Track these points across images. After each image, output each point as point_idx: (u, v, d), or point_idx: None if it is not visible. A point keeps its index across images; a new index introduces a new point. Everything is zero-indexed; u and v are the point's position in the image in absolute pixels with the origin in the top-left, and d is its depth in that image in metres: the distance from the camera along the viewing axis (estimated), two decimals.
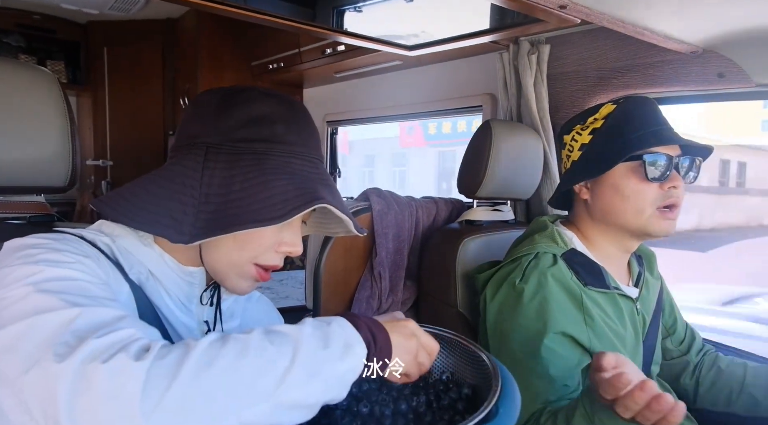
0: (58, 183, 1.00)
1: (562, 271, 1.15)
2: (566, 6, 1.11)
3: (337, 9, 1.67)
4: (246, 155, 0.75)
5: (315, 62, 2.64)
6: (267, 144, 0.76)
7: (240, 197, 0.73)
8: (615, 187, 1.16)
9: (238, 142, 0.75)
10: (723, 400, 1.30)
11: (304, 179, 0.76)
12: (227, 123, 0.76)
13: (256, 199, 0.72)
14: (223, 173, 0.74)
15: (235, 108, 0.77)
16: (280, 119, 0.78)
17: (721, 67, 1.45)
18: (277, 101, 0.79)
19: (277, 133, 0.77)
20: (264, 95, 0.79)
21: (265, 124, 0.77)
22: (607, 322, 1.14)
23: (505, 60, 1.93)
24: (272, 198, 0.72)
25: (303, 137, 0.79)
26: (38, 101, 0.95)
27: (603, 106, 1.22)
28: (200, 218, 0.72)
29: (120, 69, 3.72)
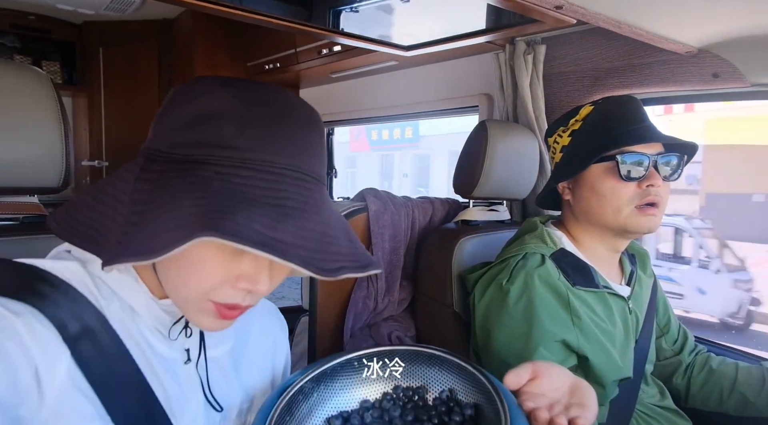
0: (52, 184, 0.99)
1: (549, 271, 1.15)
2: (562, 6, 1.11)
3: (333, 9, 1.67)
4: (178, 164, 0.61)
5: (311, 62, 2.63)
6: (207, 150, 0.60)
7: (147, 218, 0.58)
8: (592, 187, 1.17)
9: (176, 147, 0.61)
10: (714, 400, 1.32)
11: (233, 197, 0.57)
12: (170, 125, 0.63)
13: (155, 222, 0.57)
14: (151, 186, 0.61)
15: (182, 105, 0.63)
16: (231, 115, 0.61)
17: (716, 67, 1.45)
18: (233, 93, 0.62)
19: (223, 135, 0.60)
20: (220, 85, 0.63)
21: (210, 123, 0.61)
22: (596, 321, 1.14)
23: (501, 60, 1.93)
24: (168, 223, 0.56)
25: (267, 140, 0.61)
26: (31, 101, 0.94)
27: (582, 107, 1.24)
28: (121, 241, 0.59)
29: (116, 69, 3.71)
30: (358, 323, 1.64)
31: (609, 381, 1.13)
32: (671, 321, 1.42)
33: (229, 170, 0.59)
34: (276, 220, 0.57)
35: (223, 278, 0.62)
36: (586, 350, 1.11)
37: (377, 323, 1.68)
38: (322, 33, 1.74)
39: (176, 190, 0.58)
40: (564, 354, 1.11)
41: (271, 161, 0.61)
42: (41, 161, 0.96)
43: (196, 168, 0.59)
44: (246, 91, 0.63)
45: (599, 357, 1.12)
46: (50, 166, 0.97)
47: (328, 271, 0.58)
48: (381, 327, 1.65)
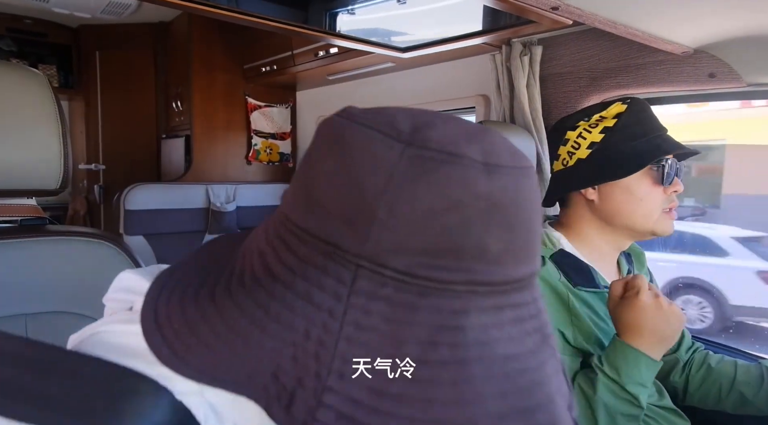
0: (50, 186, 0.99)
1: (550, 272, 1.15)
2: (558, 7, 1.12)
3: (329, 11, 1.67)
4: (431, 296, 0.37)
5: (308, 65, 2.64)
6: (466, 278, 0.38)
7: (407, 392, 0.36)
8: (628, 189, 1.17)
9: (414, 268, 0.37)
10: (712, 398, 1.31)
11: (526, 381, 0.39)
12: (402, 219, 0.37)
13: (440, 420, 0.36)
14: (383, 325, 0.37)
15: (423, 185, 0.37)
16: (490, 212, 0.38)
17: (713, 67, 1.46)
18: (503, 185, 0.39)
19: (486, 251, 0.38)
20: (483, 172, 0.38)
21: (467, 229, 0.37)
22: (596, 321, 1.14)
23: (497, 61, 1.93)
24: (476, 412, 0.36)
25: (522, 250, 0.40)
26: (29, 103, 0.94)
27: (611, 104, 1.22)
28: (324, 405, 0.36)
29: (112, 73, 3.71)
30: None
31: None
32: None
33: (496, 313, 0.39)
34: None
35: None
36: (584, 349, 1.11)
37: None
38: (318, 35, 1.74)
39: (450, 355, 0.37)
40: (566, 346, 1.11)
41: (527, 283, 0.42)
42: (39, 163, 0.96)
43: (461, 311, 0.38)
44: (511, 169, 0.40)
45: None
46: (48, 168, 0.97)
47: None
48: None
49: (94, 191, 3.72)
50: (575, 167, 1.23)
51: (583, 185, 1.21)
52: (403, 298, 0.37)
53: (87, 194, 3.83)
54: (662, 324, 1.04)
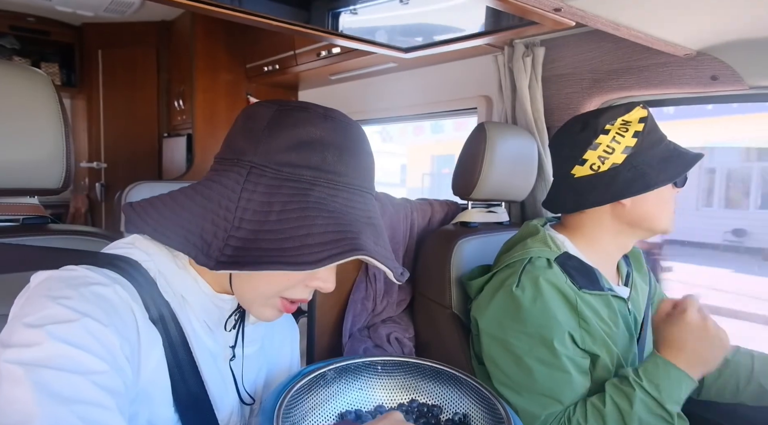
0: (52, 185, 1.00)
1: (557, 275, 1.15)
2: (561, 9, 1.12)
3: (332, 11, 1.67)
4: (290, 182, 0.69)
5: (310, 64, 2.64)
6: (314, 172, 0.69)
7: (274, 229, 0.67)
8: (661, 194, 1.18)
9: (284, 166, 0.69)
10: (730, 391, 1.29)
11: (349, 218, 0.69)
12: (275, 144, 0.70)
13: (290, 235, 0.66)
14: (261, 197, 0.68)
15: (287, 128, 0.70)
16: (332, 145, 0.71)
17: (715, 69, 1.46)
18: (332, 125, 0.72)
19: (327, 161, 0.70)
20: (320, 117, 0.72)
21: (316, 150, 0.70)
22: (601, 325, 1.15)
23: (500, 62, 1.93)
24: (309, 238, 0.66)
25: (355, 167, 0.72)
26: (32, 102, 0.94)
27: (634, 106, 1.19)
28: (229, 245, 0.67)
29: (115, 71, 3.71)
30: (356, 324, 1.64)
31: None
32: None
33: (334, 192, 0.70)
34: (376, 237, 0.72)
35: (302, 279, 0.74)
36: (592, 351, 1.12)
37: (376, 324, 1.68)
38: (321, 35, 1.74)
39: (300, 208, 0.68)
40: (576, 349, 1.12)
41: (358, 184, 0.73)
42: (42, 162, 0.96)
43: (308, 188, 0.69)
44: (340, 123, 0.74)
45: (605, 359, 1.13)
46: (51, 167, 0.97)
47: (401, 275, 0.74)
48: (380, 328, 1.65)
49: (96, 189, 3.72)
50: (611, 173, 1.18)
51: (635, 193, 1.16)
52: (273, 182, 0.69)
53: (88, 192, 3.83)
54: (705, 346, 1.05)
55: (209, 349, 0.78)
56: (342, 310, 1.63)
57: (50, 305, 0.59)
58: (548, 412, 1.09)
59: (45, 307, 0.59)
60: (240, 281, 0.74)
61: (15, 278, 0.92)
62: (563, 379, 1.09)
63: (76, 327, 0.58)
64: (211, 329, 0.78)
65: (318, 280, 0.75)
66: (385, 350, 1.59)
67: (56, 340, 0.56)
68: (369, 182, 0.76)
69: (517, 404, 1.12)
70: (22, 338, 0.56)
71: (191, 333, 0.75)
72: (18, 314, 0.60)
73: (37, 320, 0.57)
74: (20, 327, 0.57)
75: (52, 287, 0.62)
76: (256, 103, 0.77)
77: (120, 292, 0.67)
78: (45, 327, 0.57)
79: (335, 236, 0.66)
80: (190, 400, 0.73)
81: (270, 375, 0.93)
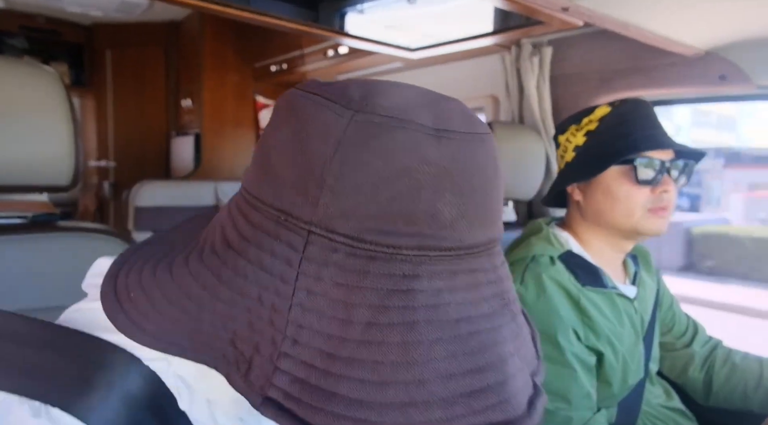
0: (62, 182, 1.00)
1: (560, 273, 1.15)
2: (568, 9, 1.11)
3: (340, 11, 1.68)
4: (379, 262, 0.38)
5: (318, 64, 2.65)
6: (419, 243, 0.38)
7: (361, 358, 0.37)
8: (607, 189, 1.17)
9: (366, 233, 0.37)
10: (739, 396, 1.29)
11: (482, 336, 0.39)
12: (358, 194, 0.37)
13: (390, 380, 0.36)
14: (334, 291, 0.38)
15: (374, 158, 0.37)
16: (446, 180, 0.38)
17: (723, 69, 1.45)
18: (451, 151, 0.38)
19: (439, 218, 0.38)
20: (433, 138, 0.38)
21: (421, 196, 0.37)
22: (605, 323, 1.14)
23: (507, 62, 1.93)
24: (420, 389, 0.36)
25: (479, 216, 0.40)
26: (41, 100, 0.95)
27: (598, 107, 1.22)
28: (280, 371, 0.37)
29: (123, 71, 3.74)
30: None
31: (618, 382, 1.14)
32: (676, 315, 1.41)
33: (450, 278, 0.39)
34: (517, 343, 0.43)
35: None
36: (597, 349, 1.12)
37: None
38: (329, 34, 1.75)
39: (399, 321, 0.37)
40: (581, 346, 1.11)
41: (485, 241, 0.41)
42: (51, 159, 0.97)
43: (411, 276, 0.38)
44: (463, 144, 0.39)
45: (610, 357, 1.13)
46: (60, 164, 0.98)
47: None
48: None
49: (104, 188, 3.75)
50: (564, 169, 1.26)
51: (564, 185, 1.23)
52: (353, 263, 0.37)
53: (97, 190, 3.86)
54: None
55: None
56: None
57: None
58: (554, 407, 1.08)
59: None
60: None
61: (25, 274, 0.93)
62: (569, 375, 1.09)
63: None
64: (242, 419, 0.51)
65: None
66: None
67: None
68: (497, 227, 0.43)
69: None
70: None
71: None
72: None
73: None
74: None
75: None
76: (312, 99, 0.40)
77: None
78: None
79: (468, 385, 0.37)
80: None
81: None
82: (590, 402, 1.10)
